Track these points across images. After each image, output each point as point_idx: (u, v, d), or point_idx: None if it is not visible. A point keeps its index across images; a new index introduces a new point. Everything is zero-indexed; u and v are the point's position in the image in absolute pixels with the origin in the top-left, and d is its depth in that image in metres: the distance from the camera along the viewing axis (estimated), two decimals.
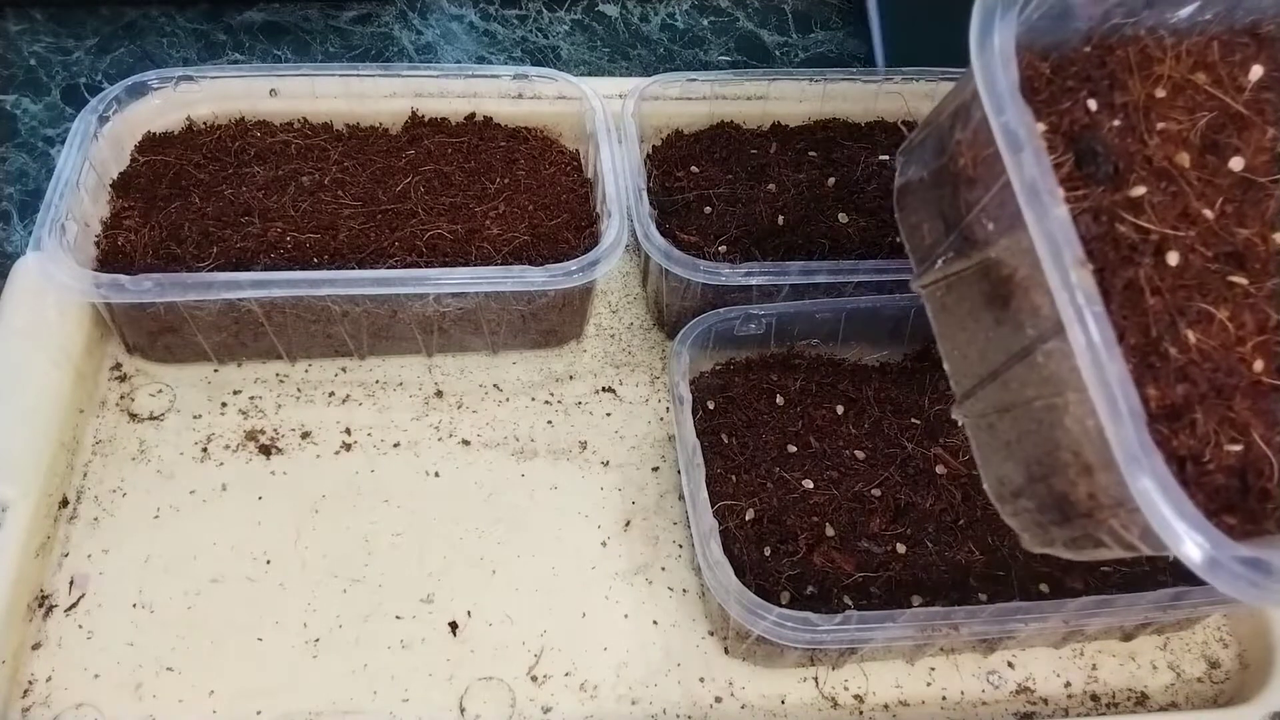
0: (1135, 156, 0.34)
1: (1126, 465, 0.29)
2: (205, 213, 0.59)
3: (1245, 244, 0.33)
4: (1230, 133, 0.35)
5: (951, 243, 0.37)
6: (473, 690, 0.51)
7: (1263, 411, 0.31)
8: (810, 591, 0.49)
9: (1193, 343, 0.31)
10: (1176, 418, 0.31)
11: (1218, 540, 0.29)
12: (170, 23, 0.86)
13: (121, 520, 0.55)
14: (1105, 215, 0.33)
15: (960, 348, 0.39)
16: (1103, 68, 0.35)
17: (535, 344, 0.65)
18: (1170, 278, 0.32)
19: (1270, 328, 0.32)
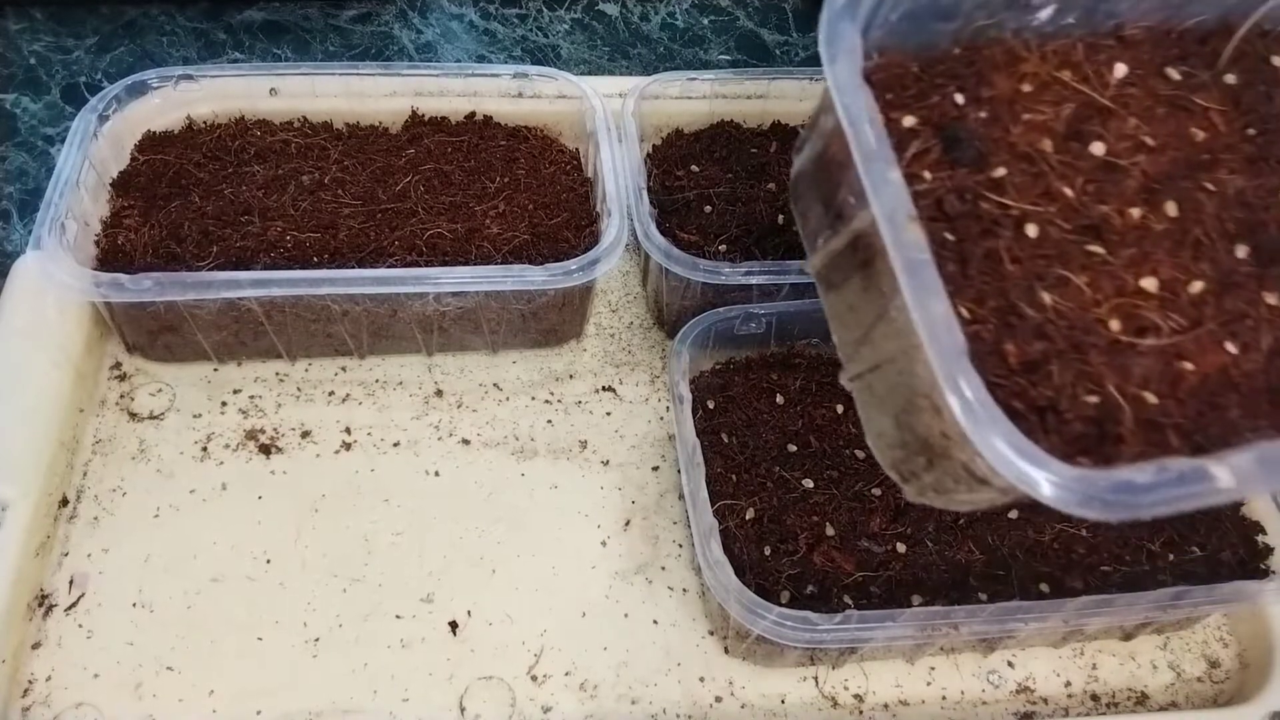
0: (999, 143, 0.37)
1: (946, 384, 0.31)
2: (205, 212, 0.59)
3: (1103, 218, 0.36)
4: (1094, 122, 0.38)
5: (829, 222, 0.40)
6: (473, 690, 0.51)
7: (1118, 366, 0.33)
8: (810, 591, 0.49)
9: (1049, 304, 0.34)
10: (1034, 370, 0.33)
11: (1021, 442, 0.31)
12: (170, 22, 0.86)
13: (121, 520, 0.55)
14: (969, 194, 0.35)
15: (842, 319, 0.42)
16: (970, 66, 0.38)
17: (535, 343, 0.65)
18: (1029, 248, 0.35)
19: (1128, 292, 0.35)
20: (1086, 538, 0.52)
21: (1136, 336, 0.34)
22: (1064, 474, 0.30)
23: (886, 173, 0.34)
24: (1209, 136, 0.38)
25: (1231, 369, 0.34)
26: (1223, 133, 0.39)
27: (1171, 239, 0.36)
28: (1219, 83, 0.39)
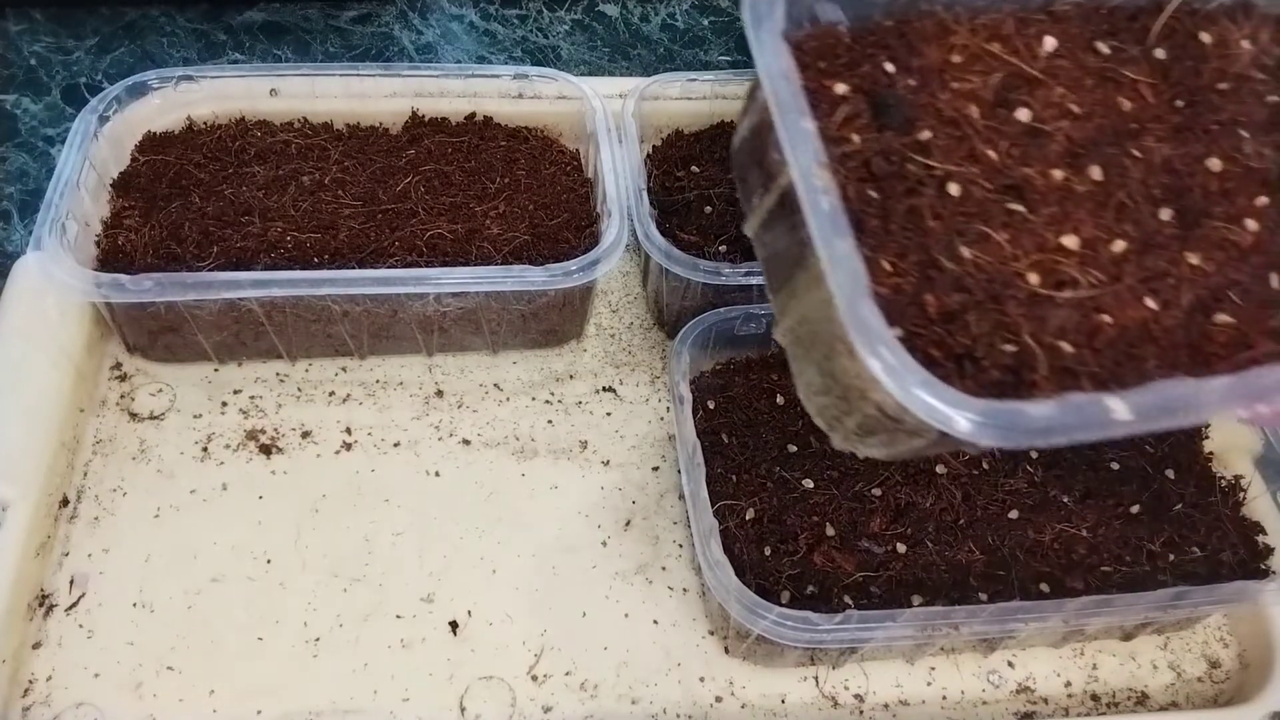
0: (927, 109, 0.38)
1: (848, 318, 0.32)
2: (205, 212, 0.59)
3: (1025, 179, 0.37)
4: (1022, 91, 0.39)
5: (761, 182, 0.42)
6: (473, 690, 0.51)
7: (1035, 317, 0.35)
8: (810, 591, 0.49)
9: (969, 258, 0.35)
10: (952, 320, 0.34)
11: (909, 362, 0.32)
12: (170, 22, 0.86)
13: (122, 520, 0.55)
14: (895, 155, 0.37)
15: (773, 275, 0.43)
16: (901, 37, 0.40)
17: (535, 344, 0.65)
18: (951, 206, 0.36)
19: (1049, 249, 0.36)
20: (1087, 538, 0.52)
21: (1055, 289, 0.35)
22: (964, 402, 0.31)
23: (799, 122, 0.35)
24: (1136, 107, 0.40)
25: (1151, 323, 0.36)
26: (1151, 104, 0.40)
27: (1094, 200, 0.37)
28: (1148, 57, 0.41)
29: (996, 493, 0.54)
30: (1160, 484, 0.55)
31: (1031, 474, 0.55)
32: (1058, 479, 0.55)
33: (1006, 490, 0.54)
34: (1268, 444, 0.56)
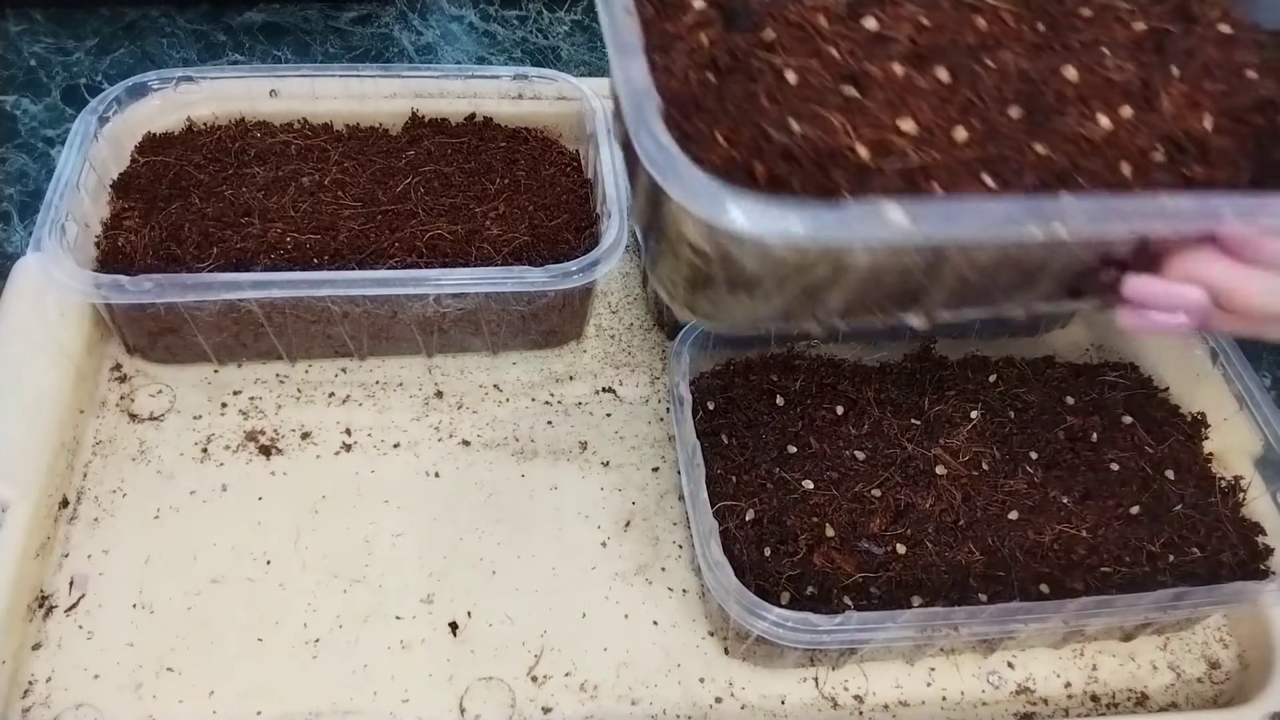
0: (777, 18, 0.39)
1: (633, 129, 0.33)
2: (205, 213, 0.59)
3: (865, 73, 0.38)
4: (873, 7, 0.40)
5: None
6: (473, 690, 0.51)
7: (862, 184, 0.36)
8: (810, 592, 0.49)
9: (799, 132, 0.36)
10: (779, 187, 0.35)
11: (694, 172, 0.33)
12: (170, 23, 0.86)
13: (121, 520, 0.55)
14: (740, 53, 0.38)
15: (628, 172, 0.44)
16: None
17: (535, 344, 0.65)
18: (789, 91, 0.37)
19: (884, 128, 0.37)
20: (1087, 539, 0.52)
21: (885, 162, 0.36)
22: (746, 201, 0.32)
23: (616, 6, 0.37)
24: (994, 28, 0.41)
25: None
26: (1011, 27, 0.41)
27: (938, 96, 0.38)
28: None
29: (996, 493, 0.54)
30: (1160, 485, 0.55)
31: (1031, 475, 0.55)
32: (1058, 480, 0.55)
33: (1006, 491, 0.54)
34: (1268, 444, 0.56)
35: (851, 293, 0.38)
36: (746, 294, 0.37)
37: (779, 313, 0.39)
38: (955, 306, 0.40)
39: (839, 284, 0.37)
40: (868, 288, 0.38)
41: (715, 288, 0.37)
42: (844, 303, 0.39)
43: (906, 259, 0.36)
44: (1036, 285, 0.40)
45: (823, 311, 0.39)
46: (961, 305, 0.40)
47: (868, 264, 0.36)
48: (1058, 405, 0.58)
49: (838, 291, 0.38)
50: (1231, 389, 0.58)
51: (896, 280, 0.38)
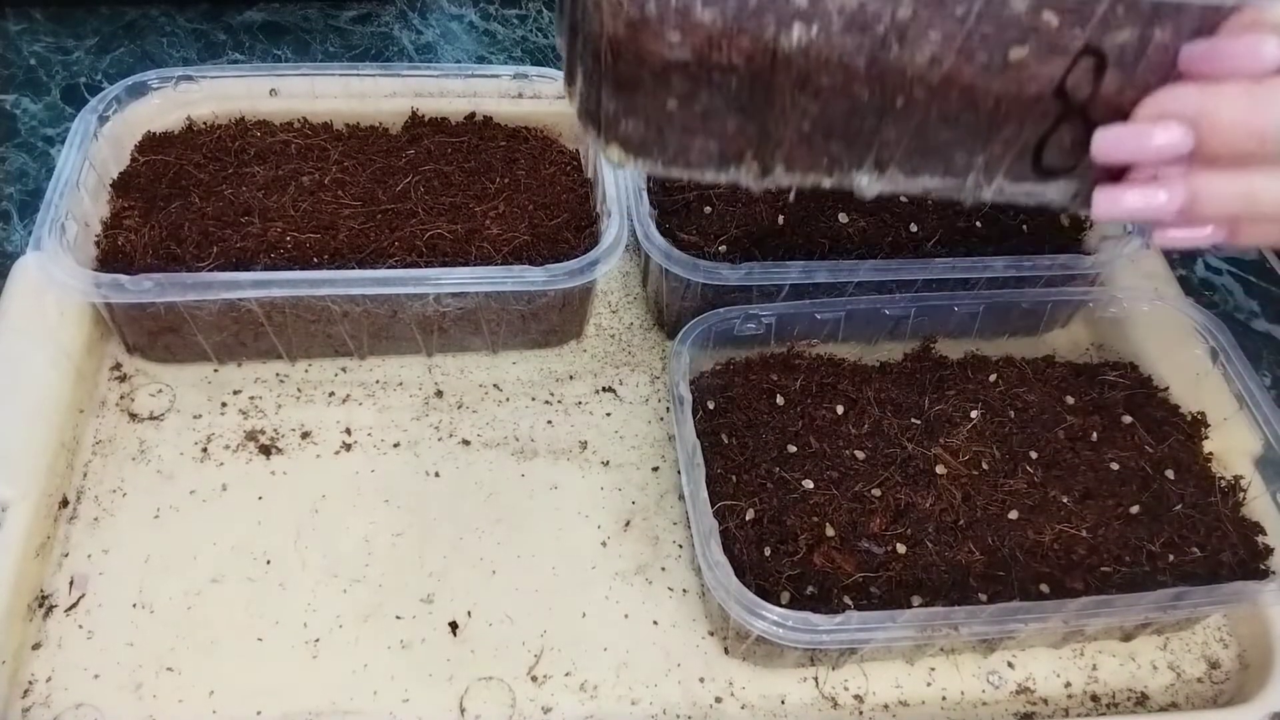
0: None
1: None
2: (205, 213, 0.59)
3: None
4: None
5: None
6: (473, 690, 0.51)
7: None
8: (810, 591, 0.49)
9: None
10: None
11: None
12: (170, 22, 0.86)
13: (121, 520, 0.55)
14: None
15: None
16: None
17: (535, 344, 0.65)
18: None
19: None
20: (1087, 538, 0.52)
21: None
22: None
23: None
24: None
25: None
26: None
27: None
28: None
29: (996, 493, 0.54)
30: (1160, 485, 0.55)
31: (1031, 474, 0.55)
32: (1058, 479, 0.55)
33: (1006, 491, 0.54)
34: (1268, 444, 0.56)
35: (788, 111, 0.35)
36: (671, 98, 0.34)
37: (713, 140, 0.36)
38: (910, 159, 0.36)
39: (774, 91, 0.34)
40: (807, 104, 0.34)
41: (638, 89, 0.34)
42: (783, 131, 0.35)
43: (849, 63, 0.33)
44: (997, 133, 0.36)
45: (763, 148, 0.36)
46: (916, 157, 0.36)
47: (803, 54, 0.33)
48: (1058, 405, 0.58)
49: (774, 108, 0.35)
50: (1231, 389, 0.58)
51: (840, 105, 0.34)
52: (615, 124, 0.36)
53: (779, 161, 0.36)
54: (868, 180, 0.37)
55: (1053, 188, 0.38)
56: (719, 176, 0.36)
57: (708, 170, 0.37)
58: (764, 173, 0.36)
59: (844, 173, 0.36)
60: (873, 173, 0.36)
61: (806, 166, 0.36)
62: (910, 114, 0.35)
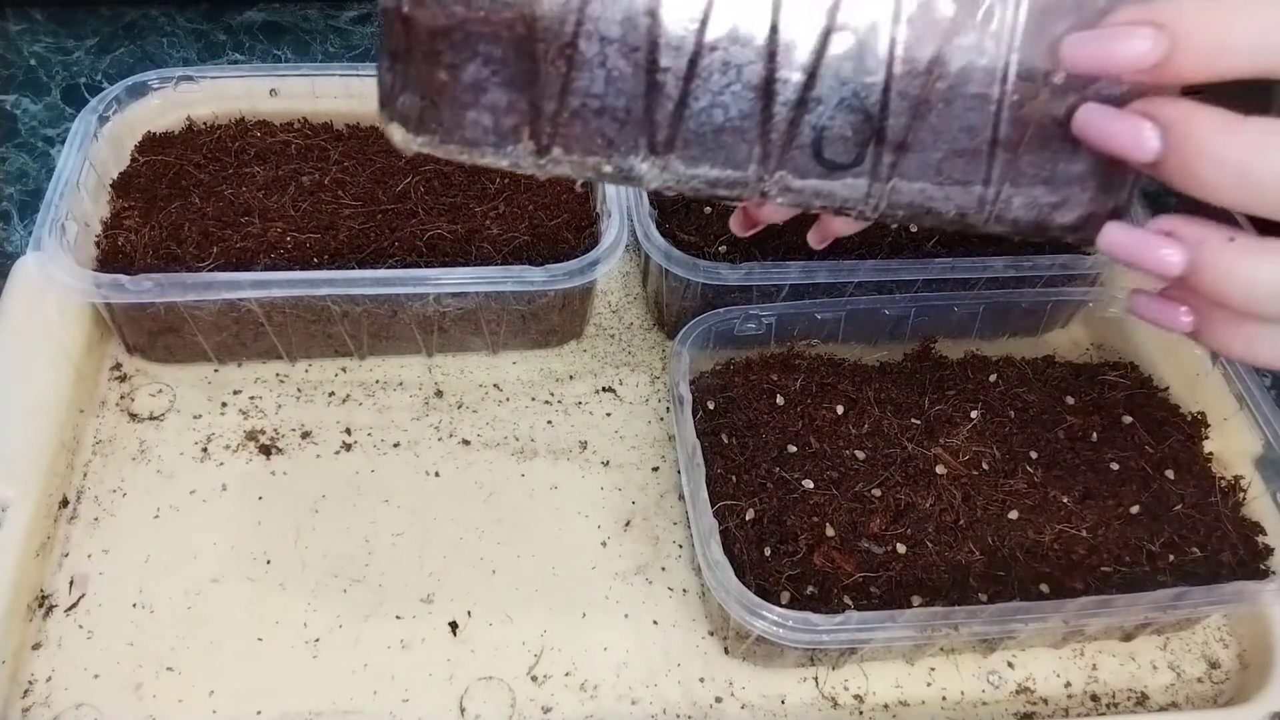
0: None
1: None
2: (205, 213, 0.59)
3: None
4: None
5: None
6: (473, 690, 0.51)
7: None
8: (810, 591, 0.49)
9: None
10: None
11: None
12: (170, 23, 0.86)
13: (121, 520, 0.55)
14: None
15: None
16: None
17: (535, 344, 0.65)
18: None
19: None
20: (1087, 538, 0.52)
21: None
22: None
23: None
24: None
25: None
26: None
27: None
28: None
29: (996, 493, 0.54)
30: (1160, 485, 0.55)
31: (1031, 474, 0.55)
32: (1058, 479, 0.55)
33: (1006, 491, 0.54)
34: (1268, 444, 0.56)
35: (554, 84, 0.34)
36: (440, 69, 0.33)
37: (485, 114, 0.34)
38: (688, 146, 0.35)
39: (538, 60, 0.33)
40: (571, 76, 0.34)
41: (409, 59, 0.34)
42: (552, 106, 0.34)
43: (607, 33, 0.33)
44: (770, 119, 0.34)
45: (536, 125, 0.34)
46: (694, 144, 0.35)
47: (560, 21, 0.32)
48: (1058, 405, 0.58)
49: (539, 81, 0.33)
50: (1231, 389, 0.58)
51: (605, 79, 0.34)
52: (393, 99, 0.35)
53: (555, 142, 0.35)
54: (647, 167, 0.35)
55: (842, 186, 0.36)
56: (498, 158, 0.35)
57: (486, 148, 0.35)
58: (540, 152, 0.35)
59: (622, 156, 0.35)
60: (650, 158, 0.35)
61: (583, 149, 0.35)
62: (675, 92, 0.34)
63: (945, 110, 0.34)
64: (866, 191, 0.36)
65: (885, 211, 0.36)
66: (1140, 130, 0.31)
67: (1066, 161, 0.35)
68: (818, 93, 0.34)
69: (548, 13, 0.32)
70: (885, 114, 0.34)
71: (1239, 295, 0.31)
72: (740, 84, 0.34)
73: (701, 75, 0.33)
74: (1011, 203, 0.36)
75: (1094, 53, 0.31)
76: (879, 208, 0.36)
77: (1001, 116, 0.34)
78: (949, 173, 0.35)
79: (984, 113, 0.34)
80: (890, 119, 0.34)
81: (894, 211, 0.36)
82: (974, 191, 0.36)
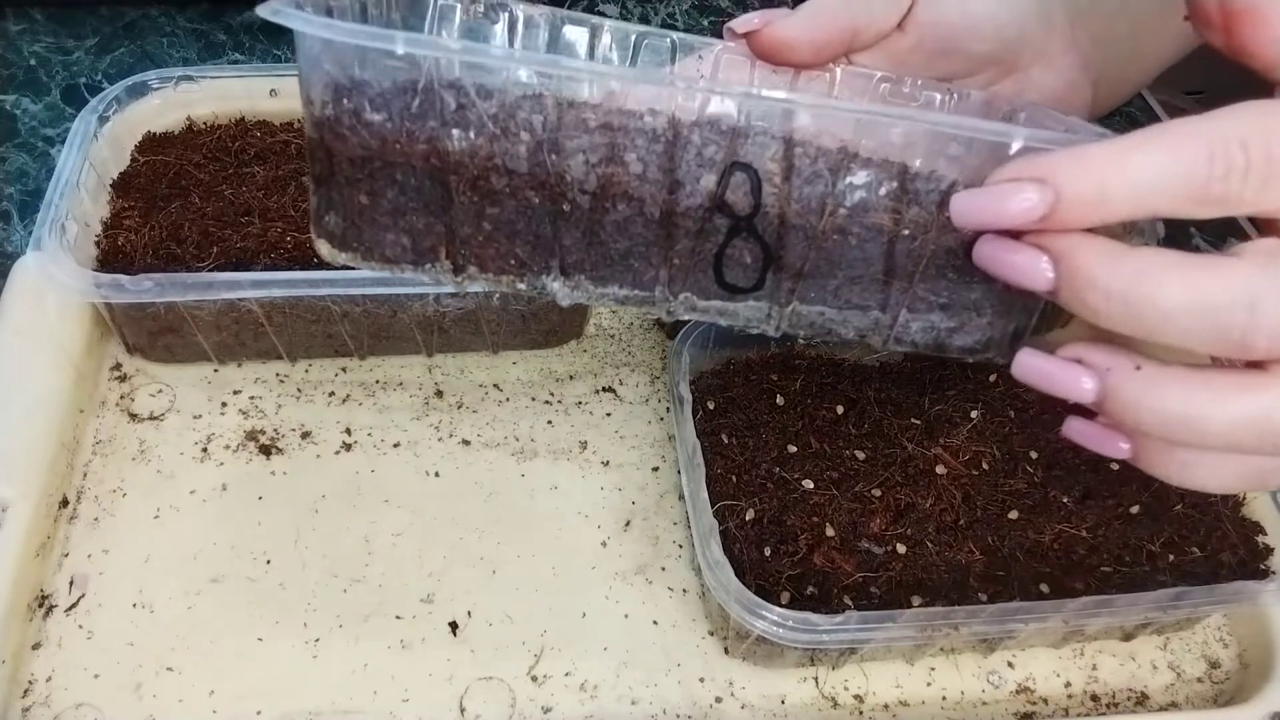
0: None
1: None
2: (205, 213, 0.59)
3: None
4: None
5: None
6: (473, 690, 0.51)
7: None
8: (810, 591, 0.49)
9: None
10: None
11: None
12: (170, 23, 0.86)
13: (121, 520, 0.55)
14: None
15: None
16: None
17: (535, 344, 0.65)
18: None
19: None
20: (1087, 538, 0.52)
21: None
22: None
23: None
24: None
25: None
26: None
27: None
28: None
29: (996, 493, 0.54)
30: (1160, 484, 0.55)
31: (1031, 474, 0.55)
32: (1058, 479, 0.55)
33: (1006, 491, 0.54)
34: None
35: (467, 211, 0.35)
36: (361, 194, 0.35)
37: (404, 236, 0.36)
38: (596, 268, 0.36)
39: (450, 190, 0.34)
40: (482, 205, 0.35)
41: (332, 184, 0.35)
42: (466, 230, 0.35)
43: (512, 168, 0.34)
44: (670, 245, 0.36)
45: (451, 247, 0.36)
46: (601, 265, 0.36)
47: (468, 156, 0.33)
48: (1058, 405, 0.58)
49: (453, 208, 0.35)
50: None
51: (513, 208, 0.36)
52: (320, 219, 0.37)
53: (470, 261, 0.36)
54: (559, 286, 0.37)
55: (745, 307, 0.38)
56: (418, 274, 0.37)
57: (405, 266, 0.37)
58: (457, 271, 0.37)
59: (534, 276, 0.37)
60: (560, 278, 0.37)
61: (497, 268, 0.36)
62: (581, 221, 0.35)
63: (841, 241, 0.35)
64: (767, 313, 0.38)
65: (787, 330, 0.38)
66: (1037, 262, 0.31)
67: (962, 289, 0.37)
68: (717, 223, 0.35)
69: (457, 148, 0.34)
70: (782, 244, 0.35)
71: (1150, 426, 0.31)
72: (643, 215, 0.35)
73: (606, 206, 0.35)
74: (910, 327, 0.38)
75: (983, 208, 0.32)
76: (780, 327, 0.38)
77: (896, 248, 0.35)
78: (846, 298, 0.37)
79: (878, 244, 0.35)
80: (787, 248, 0.35)
81: (796, 330, 0.38)
82: (871, 315, 0.37)
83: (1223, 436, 0.30)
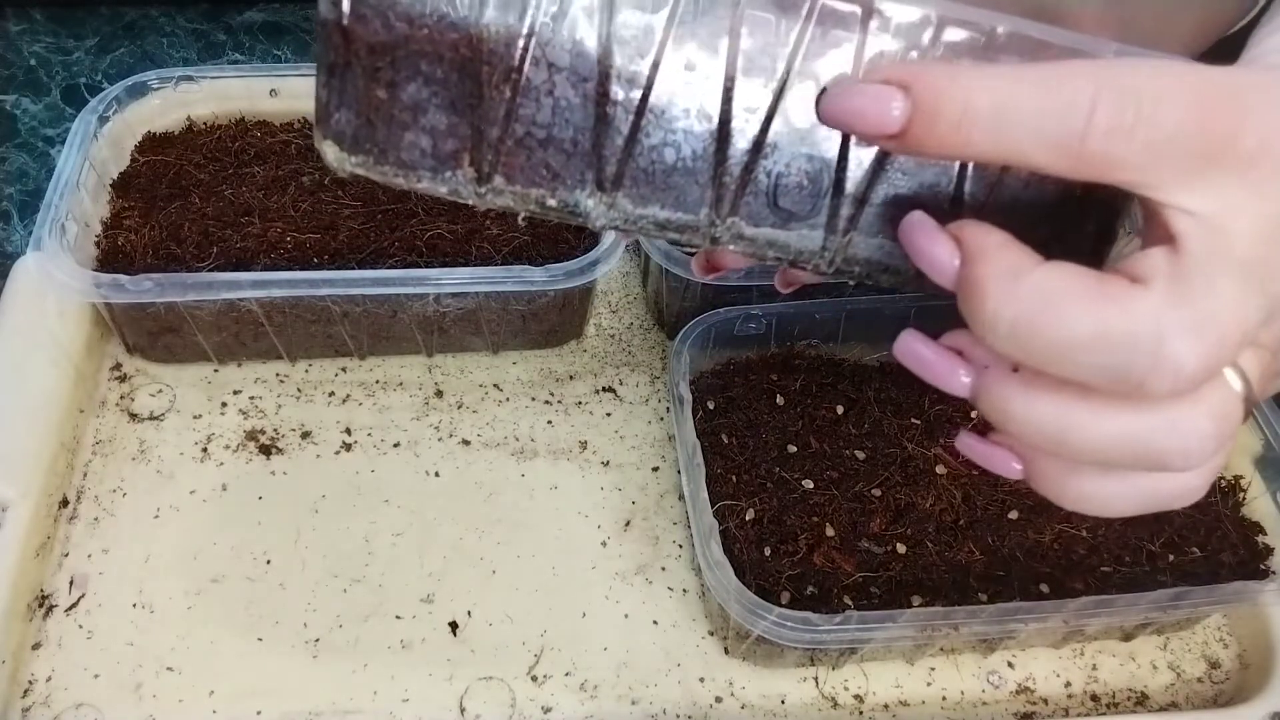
0: None
1: None
2: (205, 213, 0.59)
3: None
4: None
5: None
6: (473, 690, 0.51)
7: None
8: (810, 591, 0.49)
9: None
10: None
11: None
12: (170, 23, 0.86)
13: (121, 520, 0.55)
14: None
15: None
16: None
17: (535, 344, 0.65)
18: None
19: None
20: (1087, 538, 0.52)
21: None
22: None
23: None
24: None
25: None
26: None
27: None
28: None
29: (996, 493, 0.54)
30: None
31: None
32: None
33: (1006, 490, 0.54)
34: (1268, 444, 0.56)
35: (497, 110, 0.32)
36: (380, 87, 0.32)
37: (424, 136, 0.33)
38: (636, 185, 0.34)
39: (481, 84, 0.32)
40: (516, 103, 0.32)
41: (347, 75, 0.32)
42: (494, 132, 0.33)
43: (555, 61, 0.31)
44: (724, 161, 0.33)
45: (476, 151, 0.33)
46: (642, 183, 0.34)
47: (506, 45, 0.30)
48: None
49: (482, 105, 0.32)
50: None
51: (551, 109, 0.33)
52: (328, 117, 0.34)
53: (497, 170, 0.34)
54: (593, 204, 0.34)
55: (797, 237, 0.35)
56: (435, 184, 0.34)
57: (423, 172, 0.34)
58: (480, 180, 0.34)
59: (567, 190, 0.34)
60: (596, 194, 0.34)
61: (526, 179, 0.34)
62: (624, 127, 0.33)
63: (907, 164, 0.33)
64: (822, 244, 0.35)
65: (841, 267, 0.35)
66: (949, 257, 0.29)
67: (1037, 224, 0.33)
68: (775, 138, 0.33)
69: (494, 35, 0.31)
70: (844, 165, 0.33)
71: (1019, 432, 0.28)
72: (694, 123, 0.32)
73: (654, 111, 0.32)
74: None
75: (841, 109, 0.27)
76: (834, 262, 0.35)
77: (966, 175, 0.33)
78: None
79: (947, 170, 0.33)
80: (849, 170, 0.33)
81: (850, 267, 0.35)
82: None
83: (1096, 453, 0.27)
